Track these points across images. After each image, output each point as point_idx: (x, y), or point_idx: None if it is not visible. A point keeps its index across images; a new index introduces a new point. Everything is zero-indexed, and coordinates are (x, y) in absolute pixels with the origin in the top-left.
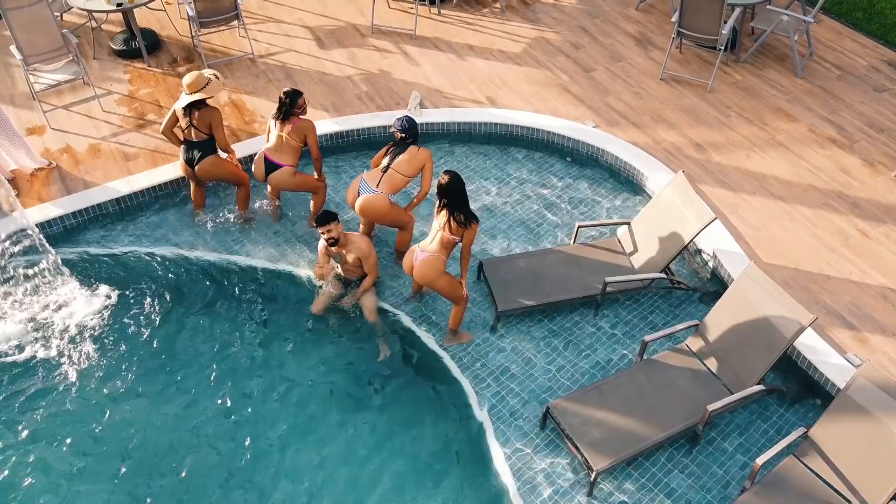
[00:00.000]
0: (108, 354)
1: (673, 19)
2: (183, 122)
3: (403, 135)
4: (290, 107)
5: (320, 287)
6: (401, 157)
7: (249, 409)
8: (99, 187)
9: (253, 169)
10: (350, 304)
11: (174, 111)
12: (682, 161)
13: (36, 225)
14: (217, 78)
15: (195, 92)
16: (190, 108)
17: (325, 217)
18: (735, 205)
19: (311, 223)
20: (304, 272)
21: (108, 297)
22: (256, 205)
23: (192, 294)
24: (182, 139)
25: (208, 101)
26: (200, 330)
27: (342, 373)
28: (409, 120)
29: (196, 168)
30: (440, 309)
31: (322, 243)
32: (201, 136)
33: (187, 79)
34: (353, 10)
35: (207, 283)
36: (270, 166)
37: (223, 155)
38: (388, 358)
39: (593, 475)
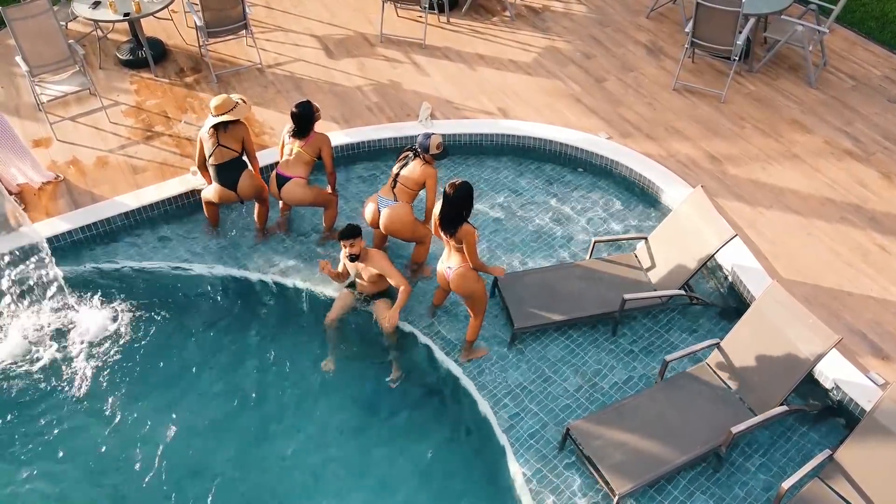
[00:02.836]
0: (116, 371)
1: (686, 30)
2: (209, 144)
3: (411, 151)
4: (307, 122)
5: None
6: (406, 168)
7: (261, 428)
8: (107, 201)
9: (269, 187)
10: (389, 327)
11: (201, 140)
12: (698, 173)
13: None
14: (244, 102)
15: (223, 113)
16: (216, 129)
17: (350, 231)
18: (752, 219)
19: (325, 237)
20: (318, 287)
21: (117, 312)
22: (273, 221)
23: (203, 310)
24: (209, 165)
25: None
26: (210, 346)
27: (357, 390)
28: (424, 137)
29: (238, 189)
30: (456, 326)
31: (342, 256)
32: (231, 154)
33: (216, 101)
34: (361, 19)
35: (218, 298)
36: (281, 180)
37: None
38: (400, 379)
39: (615, 499)
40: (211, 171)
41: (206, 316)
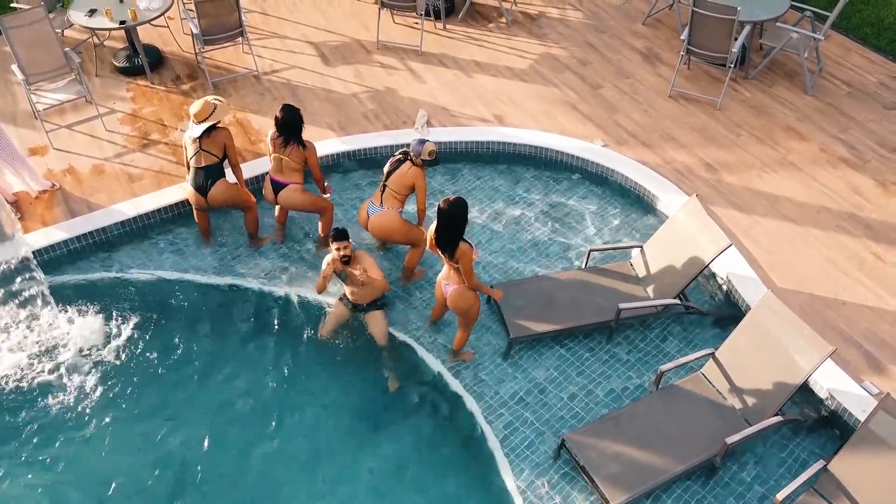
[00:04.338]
0: (112, 381)
1: (682, 37)
2: (192, 149)
3: (401, 155)
4: (292, 127)
5: (327, 310)
6: (395, 173)
7: (254, 439)
8: (103, 210)
9: (263, 192)
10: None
11: (183, 145)
12: (693, 181)
13: (39, 249)
14: (222, 101)
15: (204, 120)
16: (200, 135)
17: (341, 234)
18: (748, 227)
19: (321, 245)
20: (313, 296)
21: (113, 323)
22: (265, 228)
23: (198, 320)
24: (190, 167)
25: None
26: (206, 357)
27: (351, 401)
28: (417, 143)
29: (208, 196)
30: (452, 336)
31: (327, 261)
32: (212, 159)
33: (194, 108)
34: (357, 25)
35: (214, 308)
36: (277, 186)
37: (231, 179)
38: (398, 389)
39: None
40: (190, 172)
41: (202, 325)
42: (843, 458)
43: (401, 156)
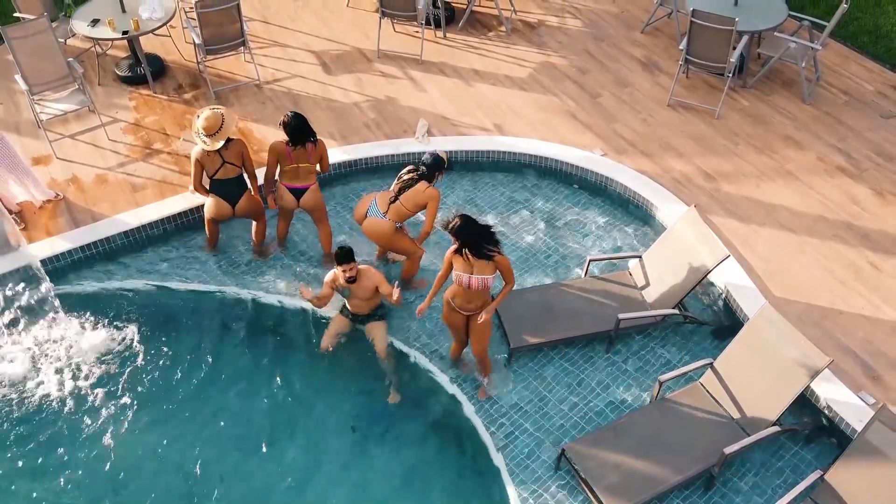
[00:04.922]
0: (115, 390)
1: (680, 47)
2: (215, 164)
3: (417, 172)
4: (304, 131)
5: (328, 320)
6: (408, 191)
7: (255, 450)
8: (107, 220)
9: (281, 202)
10: (369, 337)
11: (198, 161)
12: (692, 190)
13: (44, 259)
14: (221, 109)
15: (216, 133)
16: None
17: (347, 255)
18: (745, 236)
19: (327, 260)
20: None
21: (115, 332)
22: (269, 239)
23: (201, 330)
24: (210, 181)
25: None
26: (208, 367)
27: (350, 411)
28: (433, 158)
29: (236, 207)
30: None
31: (326, 282)
32: (236, 170)
33: (203, 122)
34: (358, 34)
35: (216, 318)
36: (298, 192)
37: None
38: (397, 400)
39: None
40: (215, 185)
41: (203, 336)
42: (840, 467)
43: (416, 174)
